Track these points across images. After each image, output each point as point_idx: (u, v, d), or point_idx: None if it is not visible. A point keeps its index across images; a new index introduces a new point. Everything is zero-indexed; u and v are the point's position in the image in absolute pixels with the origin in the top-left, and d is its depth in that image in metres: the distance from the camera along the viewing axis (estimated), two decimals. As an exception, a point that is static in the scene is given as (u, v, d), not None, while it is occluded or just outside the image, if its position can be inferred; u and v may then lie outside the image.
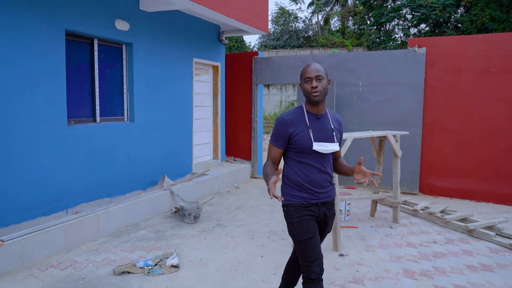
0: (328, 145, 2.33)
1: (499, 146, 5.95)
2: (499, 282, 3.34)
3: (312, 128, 2.33)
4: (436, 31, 22.11)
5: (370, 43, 22.59)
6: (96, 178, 4.84)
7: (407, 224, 4.94)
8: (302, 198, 2.34)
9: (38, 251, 3.63)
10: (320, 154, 2.34)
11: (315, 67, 2.32)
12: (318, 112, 2.37)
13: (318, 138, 2.33)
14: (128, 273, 3.40)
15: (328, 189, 2.40)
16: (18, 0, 3.83)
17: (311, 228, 2.34)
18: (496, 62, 5.93)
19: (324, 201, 2.39)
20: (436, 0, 20.25)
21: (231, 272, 3.48)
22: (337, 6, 27.19)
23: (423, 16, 20.68)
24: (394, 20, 22.66)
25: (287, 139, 2.34)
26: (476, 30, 20.01)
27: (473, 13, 20.39)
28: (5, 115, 3.78)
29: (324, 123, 2.39)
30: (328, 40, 25.06)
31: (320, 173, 2.35)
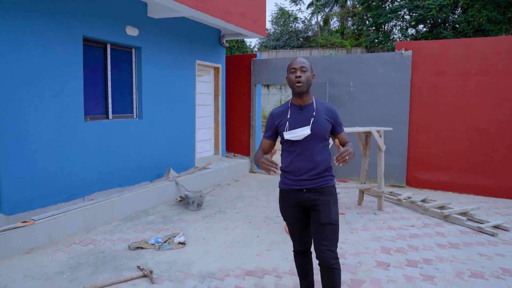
0: (298, 131, 2.41)
1: (478, 142, 6.50)
2: (462, 256, 3.89)
3: (291, 119, 2.47)
4: (433, 31, 22.54)
5: (368, 43, 23.05)
6: (109, 170, 5.40)
7: (391, 211, 5.50)
8: (286, 184, 2.53)
9: (62, 230, 4.19)
10: (304, 143, 2.44)
11: (300, 60, 2.47)
12: (302, 104, 2.50)
13: (292, 126, 2.45)
14: (141, 249, 3.96)
15: (314, 177, 2.46)
16: (43, 11, 4.39)
17: (291, 214, 2.55)
18: (475, 65, 6.48)
19: (309, 188, 2.46)
20: (433, 1, 20.68)
21: (230, 248, 4.04)
22: (337, 6, 27.70)
23: (420, 17, 21.16)
24: (392, 20, 23.17)
25: (275, 130, 2.55)
26: (473, 30, 20.46)
27: (470, 14, 20.70)
28: (33, 112, 4.34)
29: (307, 113, 2.48)
30: (327, 40, 25.60)
31: (305, 161, 2.44)
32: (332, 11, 27.87)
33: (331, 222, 2.42)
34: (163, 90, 6.34)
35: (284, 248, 4.03)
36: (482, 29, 20.09)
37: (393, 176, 7.11)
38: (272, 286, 3.21)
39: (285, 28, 27.45)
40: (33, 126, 4.36)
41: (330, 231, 2.42)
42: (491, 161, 6.43)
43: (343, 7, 27.12)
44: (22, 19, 4.17)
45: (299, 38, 26.96)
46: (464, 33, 20.59)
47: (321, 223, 2.42)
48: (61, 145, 4.70)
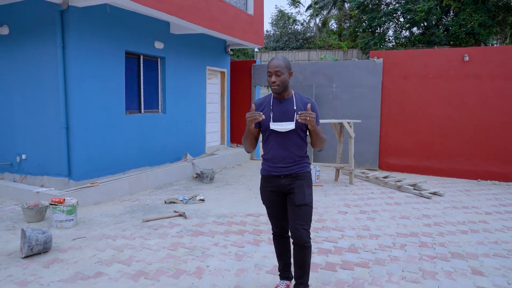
0: (284, 124, 2.69)
1: (435, 133, 8.28)
2: (400, 209, 5.68)
3: (274, 110, 2.75)
4: (426, 34, 24.14)
5: (363, 45, 24.68)
6: (141, 152, 7.19)
7: (359, 185, 7.29)
8: (266, 170, 2.86)
9: (115, 192, 6.00)
10: (282, 134, 2.72)
11: (275, 63, 2.66)
12: (281, 97, 2.78)
13: (277, 118, 2.73)
14: (173, 203, 5.76)
15: (290, 164, 2.76)
16: (101, 35, 6.18)
17: (269, 198, 2.88)
18: (432, 70, 8.26)
19: (285, 174, 2.77)
20: (422, 5, 22.26)
21: (236, 203, 5.84)
22: (334, 9, 29.47)
23: (411, 20, 22.85)
24: (387, 23, 24.88)
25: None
26: (464, 33, 22.14)
27: (461, 18, 22.14)
28: (94, 107, 6.14)
29: (286, 105, 2.75)
30: (325, 42, 27.38)
31: (282, 149, 2.75)
32: (330, 14, 29.64)
33: (305, 203, 2.72)
34: (181, 90, 8.14)
35: (274, 204, 5.83)
36: (473, 32, 21.62)
37: (368, 161, 8.90)
38: (265, 220, 5.00)
39: (284, 30, 29.27)
40: (92, 119, 6.16)
41: (304, 211, 2.72)
42: (445, 148, 8.21)
43: (340, 9, 28.91)
44: (88, 42, 5.98)
45: (298, 40, 28.75)
46: (456, 35, 22.24)
47: (296, 204, 2.73)
48: (109, 132, 6.50)
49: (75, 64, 5.82)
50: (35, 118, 6.22)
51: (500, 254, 4.01)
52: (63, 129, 5.88)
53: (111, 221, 4.90)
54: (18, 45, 6.26)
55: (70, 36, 5.74)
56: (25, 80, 6.25)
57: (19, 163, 6.56)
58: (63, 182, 6.02)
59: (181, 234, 4.48)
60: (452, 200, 6.24)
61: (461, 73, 8.03)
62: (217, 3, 7.67)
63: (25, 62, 6.21)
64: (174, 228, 4.68)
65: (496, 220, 5.19)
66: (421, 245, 4.25)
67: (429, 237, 4.51)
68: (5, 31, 6.38)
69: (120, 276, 3.38)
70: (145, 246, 4.07)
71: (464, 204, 5.99)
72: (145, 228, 4.64)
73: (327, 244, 4.22)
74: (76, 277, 3.35)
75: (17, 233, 4.40)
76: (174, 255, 3.86)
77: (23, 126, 6.40)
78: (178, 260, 3.73)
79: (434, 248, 4.15)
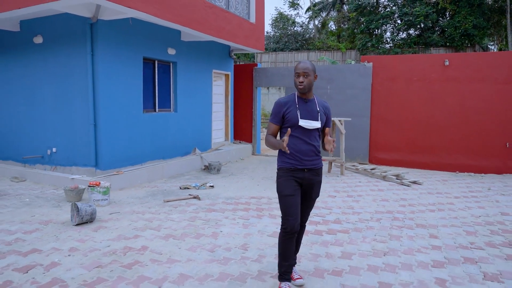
0: (311, 122, 3.03)
1: (419, 130, 9.33)
2: (382, 194, 6.73)
3: (300, 109, 3.06)
4: (422, 35, 25.16)
5: (361, 46, 25.69)
6: (155, 146, 8.23)
7: (349, 175, 8.34)
8: (290, 164, 3.07)
9: (136, 180, 7.04)
10: (306, 129, 3.04)
11: (304, 66, 3.02)
12: (306, 98, 3.12)
13: (304, 116, 3.04)
14: (187, 188, 6.81)
15: (313, 158, 3.09)
16: (123, 43, 7.23)
17: (293, 187, 3.05)
18: (416, 74, 9.31)
19: (309, 167, 3.08)
20: (420, 9, 23.27)
21: (241, 189, 6.88)
22: (333, 11, 30.53)
23: (408, 23, 23.89)
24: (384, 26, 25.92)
25: (281, 117, 3.09)
26: (459, 35, 23.18)
27: (457, 20, 23.11)
28: (117, 106, 7.18)
29: (310, 106, 3.10)
30: (324, 43, 28.44)
31: (306, 144, 3.06)
32: (329, 16, 30.71)
33: (317, 196, 3.28)
34: (190, 91, 9.19)
35: (273, 190, 6.86)
36: (468, 34, 22.63)
37: (359, 156, 9.95)
38: (266, 201, 6.05)
39: (284, 31, 30.35)
40: (115, 116, 7.20)
41: (314, 203, 3.30)
42: (428, 144, 9.26)
43: (339, 11, 29.97)
44: (113, 50, 7.03)
45: (298, 41, 29.82)
46: (451, 37, 23.28)
47: (312, 197, 3.21)
48: (129, 128, 7.54)
49: (102, 69, 6.86)
50: (65, 116, 7.26)
51: (456, 225, 5.06)
52: (92, 126, 6.93)
53: (137, 202, 5.95)
54: (51, 52, 7.31)
55: (98, 44, 6.79)
56: (56, 83, 7.29)
57: (50, 155, 7.60)
58: (91, 171, 7.06)
59: (197, 211, 5.53)
60: (429, 187, 7.29)
61: (442, 77, 9.09)
62: (223, 14, 8.73)
63: (56, 67, 7.25)
64: (190, 206, 5.73)
65: (462, 202, 6.24)
66: (393, 219, 5.30)
67: (402, 214, 5.56)
68: (40, 40, 7.43)
69: (154, 237, 4.42)
70: (169, 219, 5.12)
71: (438, 191, 7.05)
72: (167, 207, 5.69)
73: (316, 218, 5.26)
74: (120, 238, 4.40)
75: (63, 209, 5.44)
76: (193, 224, 4.91)
77: (53, 123, 7.44)
78: (197, 228, 4.78)
79: (404, 221, 5.20)
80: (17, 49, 7.80)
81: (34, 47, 7.54)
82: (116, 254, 3.94)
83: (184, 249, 4.09)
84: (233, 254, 4.00)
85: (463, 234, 4.70)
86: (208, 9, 8.20)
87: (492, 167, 8.69)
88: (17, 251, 3.99)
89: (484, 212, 5.65)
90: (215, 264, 3.73)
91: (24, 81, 7.78)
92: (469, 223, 5.15)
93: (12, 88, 8.00)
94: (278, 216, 5.23)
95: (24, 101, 7.84)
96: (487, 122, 8.70)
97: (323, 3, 30.26)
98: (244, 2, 9.92)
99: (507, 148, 8.54)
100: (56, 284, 3.28)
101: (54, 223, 4.88)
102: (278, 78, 10.91)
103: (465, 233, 4.75)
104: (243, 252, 4.05)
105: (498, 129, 8.63)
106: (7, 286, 3.24)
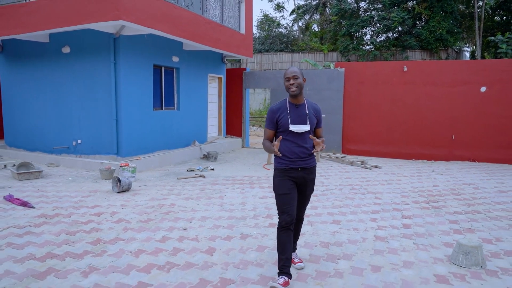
0: (301, 126, 3.36)
1: (384, 125, 11.46)
2: (347, 174, 8.79)
3: (291, 115, 3.39)
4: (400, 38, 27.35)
5: (343, 48, 27.81)
6: (163, 138, 10.12)
7: (324, 162, 10.40)
8: (285, 164, 3.43)
9: (150, 165, 8.95)
10: (297, 133, 3.37)
11: (292, 70, 3.40)
12: (297, 103, 3.43)
13: (294, 121, 3.37)
14: (193, 171, 8.74)
15: (305, 158, 3.42)
16: (138, 52, 9.11)
17: (288, 186, 3.41)
18: (381, 78, 11.44)
19: (302, 167, 3.43)
20: (396, 14, 25.50)
21: (235, 171, 8.86)
22: (316, 14, 32.72)
23: (386, 28, 26.13)
24: (364, 28, 28.15)
25: (275, 122, 3.44)
26: (434, 39, 25.50)
27: (431, 25, 25.30)
28: (133, 105, 9.06)
29: (301, 110, 3.42)
30: (307, 45, 30.58)
31: (298, 146, 3.39)
32: (312, 18, 32.90)
33: (312, 193, 3.65)
34: (190, 92, 11.11)
35: (262, 171, 8.84)
36: (442, 38, 24.93)
37: (334, 147, 12.02)
38: (256, 179, 8.04)
39: (269, 32, 32.40)
40: (132, 113, 9.08)
41: (309, 198, 3.67)
42: (390, 137, 11.39)
43: (322, 15, 32.20)
44: (131, 58, 8.91)
45: (282, 42, 31.91)
46: (426, 41, 25.60)
47: (306, 194, 3.58)
48: (143, 123, 9.42)
49: (123, 75, 8.74)
50: (89, 113, 9.10)
51: (396, 192, 7.14)
52: (114, 121, 8.80)
53: (157, 180, 7.87)
54: (77, 61, 9.14)
55: (120, 55, 8.66)
56: (81, 85, 9.12)
57: (75, 146, 9.43)
58: (113, 158, 8.92)
59: (204, 184, 7.48)
60: (386, 170, 9.40)
61: (402, 80, 11.23)
62: (219, 28, 10.70)
63: (82, 72, 9.08)
64: (199, 182, 7.68)
65: (407, 179, 8.34)
66: (352, 189, 7.35)
67: (359, 186, 7.62)
68: (67, 50, 9.25)
69: (177, 199, 6.36)
70: (185, 189, 7.07)
71: (392, 172, 9.15)
72: (181, 182, 7.62)
73: (294, 188, 7.28)
74: (153, 199, 6.32)
75: (101, 184, 7.32)
76: (204, 192, 6.87)
77: (79, 119, 9.27)
78: (207, 193, 6.74)
79: (359, 190, 7.25)
80: (47, 57, 9.60)
81: (62, 56, 9.36)
82: (154, 207, 5.88)
83: (201, 205, 6.06)
84: (236, 206, 5.98)
85: (398, 197, 6.78)
86: (207, 24, 10.16)
87: (441, 155, 10.88)
88: (84, 206, 5.88)
89: (421, 185, 7.76)
90: (224, 212, 5.70)
91: (52, 84, 9.58)
92: (406, 191, 7.24)
93: (42, 90, 9.78)
94: (267, 187, 7.24)
95: (52, 101, 9.63)
96: (437, 118, 10.88)
97: (306, 6, 32.45)
98: (235, 16, 11.91)
99: (453, 140, 10.74)
100: (123, 221, 5.20)
101: (100, 192, 6.77)
102: (264, 80, 12.91)
103: (401, 196, 6.84)
104: (242, 205, 6.04)
105: (446, 124, 10.81)
106: (89, 222, 5.14)
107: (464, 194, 6.98)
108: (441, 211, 5.87)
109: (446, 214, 5.71)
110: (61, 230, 4.82)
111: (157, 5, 8.46)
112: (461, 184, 7.86)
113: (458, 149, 10.76)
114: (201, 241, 4.53)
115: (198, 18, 9.84)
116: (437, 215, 5.68)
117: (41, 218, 5.26)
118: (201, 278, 3.59)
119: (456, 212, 5.82)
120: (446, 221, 5.40)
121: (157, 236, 4.67)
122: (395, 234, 4.82)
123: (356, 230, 4.98)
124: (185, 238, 4.61)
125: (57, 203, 6.02)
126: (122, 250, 4.22)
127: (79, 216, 5.39)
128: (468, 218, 5.52)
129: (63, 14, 8.18)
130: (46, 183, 7.31)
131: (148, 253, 4.14)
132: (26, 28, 8.74)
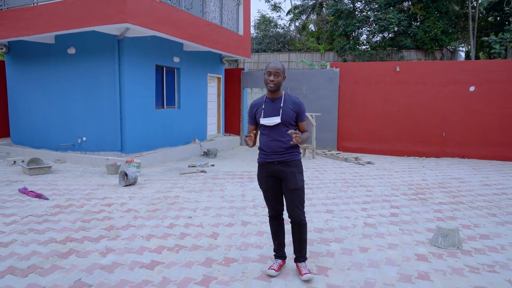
0: (271, 119, 3.40)
1: (377, 123, 11.94)
2: (341, 170, 9.27)
3: (265, 109, 3.48)
4: (396, 39, 27.85)
5: (339, 48, 28.27)
6: (164, 136, 10.56)
7: (319, 159, 10.88)
8: (262, 158, 3.56)
9: (153, 161, 9.40)
10: (272, 127, 3.43)
11: (275, 65, 3.42)
12: (273, 97, 3.51)
13: (267, 115, 3.45)
14: (194, 166, 9.19)
15: (281, 152, 3.43)
16: (142, 53, 9.54)
17: (267, 182, 3.55)
18: (374, 78, 11.93)
19: (278, 160, 3.45)
20: (393, 15, 25.98)
21: (235, 166, 9.31)
22: (313, 14, 33.22)
23: (382, 28, 26.64)
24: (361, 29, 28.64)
25: (253, 117, 3.57)
26: (429, 39, 26.03)
27: (426, 25, 25.82)
28: (136, 104, 9.50)
29: (276, 104, 3.48)
30: (304, 44, 31.07)
31: (274, 140, 3.44)
32: (309, 19, 33.40)
33: (297, 188, 3.44)
34: (190, 92, 11.56)
35: (260, 168, 9.32)
36: (437, 38, 25.44)
37: (329, 145, 12.50)
38: (254, 174, 8.49)
39: (266, 33, 32.87)
40: (135, 111, 9.52)
41: (297, 195, 3.45)
42: (383, 135, 11.88)
43: (318, 15, 32.68)
44: (134, 59, 9.35)
45: (279, 42, 32.38)
46: (421, 41, 26.11)
47: (290, 189, 3.43)
48: (145, 121, 9.86)
49: (127, 75, 9.18)
50: (94, 111, 9.52)
51: (387, 185, 7.62)
52: (118, 119, 9.23)
53: (160, 174, 8.31)
54: (82, 61, 9.56)
55: (124, 56, 9.10)
56: (86, 85, 9.55)
57: (80, 143, 9.86)
58: (117, 155, 9.36)
59: (206, 178, 7.94)
60: (378, 166, 9.88)
61: (394, 80, 11.72)
62: (218, 29, 11.16)
63: (87, 73, 9.51)
64: (200, 176, 8.14)
65: (398, 174, 8.83)
66: (345, 183, 7.82)
67: (352, 180, 8.09)
68: (73, 51, 9.68)
69: (181, 191, 6.81)
70: (187, 182, 7.52)
71: (384, 168, 9.64)
72: (183, 177, 8.07)
73: (291, 182, 7.75)
74: (159, 192, 6.77)
75: (108, 178, 7.76)
76: (206, 185, 7.32)
77: (84, 118, 9.69)
78: (209, 187, 7.20)
79: (352, 184, 7.73)
80: (52, 58, 10.02)
81: (67, 57, 9.78)
82: (160, 199, 6.33)
83: (204, 197, 6.52)
84: (236, 198, 6.44)
85: (389, 189, 7.26)
86: (207, 26, 10.61)
87: (432, 152, 11.38)
88: (95, 198, 6.33)
89: (411, 179, 8.24)
90: (225, 203, 6.16)
91: (58, 83, 10.00)
92: (396, 184, 7.72)
93: (47, 89, 10.20)
94: (264, 181, 7.71)
95: (57, 100, 10.05)
96: (429, 117, 11.38)
97: (303, 6, 32.93)
98: (234, 18, 12.38)
99: (443, 137, 11.24)
100: (132, 211, 5.65)
101: (107, 185, 7.22)
102: (261, 80, 13.37)
103: (391, 189, 7.32)
104: (242, 197, 6.50)
105: (437, 122, 11.31)
106: (101, 212, 5.58)
107: (451, 187, 7.46)
108: (427, 202, 6.36)
109: (432, 205, 6.19)
110: (76, 218, 5.27)
111: (160, 8, 8.91)
112: (449, 178, 8.35)
113: (449, 146, 11.26)
114: (205, 227, 4.99)
115: (198, 20, 10.29)
116: (423, 205, 6.16)
117: (56, 208, 5.70)
118: (207, 257, 4.05)
119: (441, 203, 6.30)
120: (431, 210, 5.88)
121: (165, 223, 5.12)
122: (383, 222, 5.30)
123: (347, 218, 5.46)
124: (190, 225, 5.07)
125: (69, 195, 6.46)
126: (134, 235, 4.67)
127: (91, 206, 5.83)
128: (452, 208, 6.01)
129: (70, 17, 8.61)
130: (56, 178, 7.75)
131: (158, 237, 4.59)
132: (33, 30, 9.17)
